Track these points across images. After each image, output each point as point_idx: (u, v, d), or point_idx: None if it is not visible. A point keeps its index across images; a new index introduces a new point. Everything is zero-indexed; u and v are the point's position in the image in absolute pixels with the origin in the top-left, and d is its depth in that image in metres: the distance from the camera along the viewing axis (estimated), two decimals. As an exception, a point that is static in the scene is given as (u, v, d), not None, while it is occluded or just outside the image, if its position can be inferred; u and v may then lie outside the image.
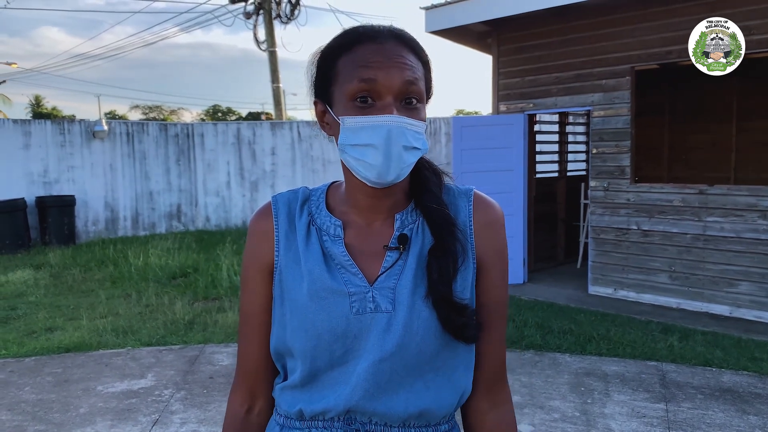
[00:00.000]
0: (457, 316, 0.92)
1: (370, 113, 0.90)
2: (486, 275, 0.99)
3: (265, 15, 15.68)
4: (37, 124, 10.33)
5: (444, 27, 6.93)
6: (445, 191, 1.01)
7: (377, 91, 0.89)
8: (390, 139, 0.88)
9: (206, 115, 52.53)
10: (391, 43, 0.92)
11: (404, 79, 0.90)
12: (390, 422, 0.94)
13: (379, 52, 0.90)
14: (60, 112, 46.31)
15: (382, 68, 0.89)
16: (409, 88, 0.90)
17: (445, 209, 0.97)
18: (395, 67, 0.90)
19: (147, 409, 3.71)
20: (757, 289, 5.42)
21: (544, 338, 4.86)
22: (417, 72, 0.92)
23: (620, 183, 6.20)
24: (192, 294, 6.59)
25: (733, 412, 3.54)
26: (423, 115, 0.93)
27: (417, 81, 0.92)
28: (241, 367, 1.06)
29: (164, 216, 11.57)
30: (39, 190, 10.06)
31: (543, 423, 3.44)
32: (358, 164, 0.91)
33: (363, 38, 0.92)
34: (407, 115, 0.90)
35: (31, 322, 5.59)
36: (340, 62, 0.93)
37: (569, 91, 6.51)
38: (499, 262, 1.01)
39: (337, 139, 0.94)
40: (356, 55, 0.91)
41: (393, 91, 0.89)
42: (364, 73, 0.89)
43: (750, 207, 5.44)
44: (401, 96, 0.90)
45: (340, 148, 0.93)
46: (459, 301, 0.93)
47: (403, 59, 0.91)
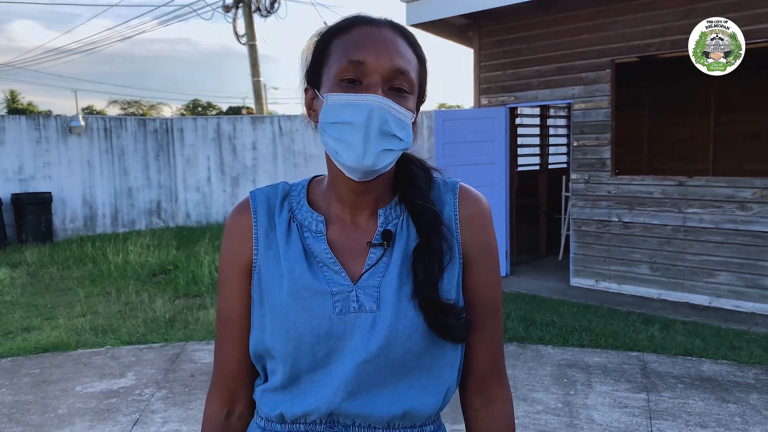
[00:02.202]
0: (445, 316, 0.89)
1: (355, 92, 0.86)
2: (473, 271, 0.96)
3: (245, 8, 15.52)
4: (12, 120, 10.12)
5: (425, 20, 6.91)
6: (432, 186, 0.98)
7: (365, 72, 0.86)
8: (371, 119, 0.84)
9: (186, 110, 51.96)
10: (387, 29, 0.90)
11: (395, 64, 0.86)
12: (374, 424, 0.91)
13: (373, 35, 0.88)
14: (36, 107, 45.46)
15: (374, 51, 0.86)
16: (398, 75, 0.87)
17: (432, 206, 0.94)
18: (387, 51, 0.87)
19: (127, 408, 3.65)
20: (736, 279, 5.49)
21: (526, 330, 4.88)
22: (410, 63, 0.89)
23: (601, 175, 6.24)
24: (173, 291, 6.52)
25: (712, 401, 3.58)
26: (411, 105, 0.89)
27: (408, 71, 0.88)
28: (219, 371, 1.01)
29: (144, 212, 11.42)
30: (14, 187, 9.87)
31: (526, 415, 3.45)
32: (336, 144, 0.87)
33: (360, 21, 0.90)
34: (394, 101, 0.87)
35: (8, 322, 5.48)
36: (333, 44, 0.90)
37: (550, 84, 6.53)
38: (487, 256, 0.97)
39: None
40: (349, 36, 0.89)
41: (381, 73, 0.86)
42: (355, 54, 0.86)
43: (728, 198, 5.50)
44: (390, 81, 0.87)
45: (320, 128, 0.89)
46: (446, 301, 0.90)
47: (397, 46, 0.88)
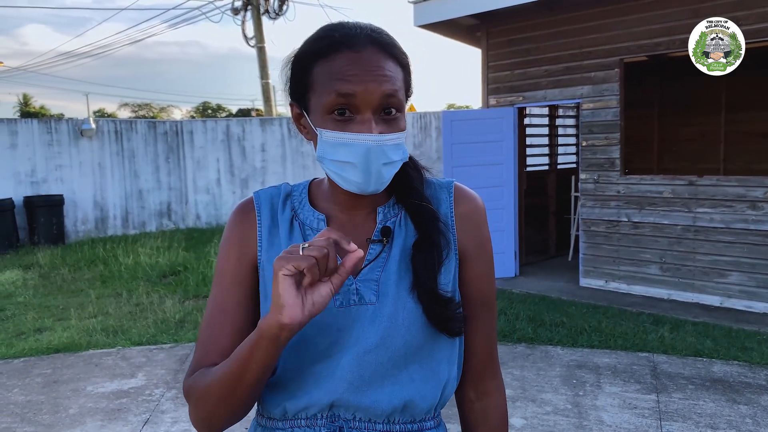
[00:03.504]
0: (442, 309, 0.92)
1: (348, 128, 0.88)
2: (469, 267, 1.00)
3: (253, 11, 15.58)
4: (24, 123, 10.22)
5: (433, 21, 6.91)
6: (426, 185, 1.01)
7: (355, 105, 0.87)
8: (369, 158, 0.88)
9: (196, 112, 52.26)
10: (369, 51, 0.89)
11: (383, 92, 0.88)
12: (374, 417, 0.93)
13: (357, 63, 0.87)
14: (48, 110, 45.93)
15: (361, 82, 0.87)
16: (388, 100, 0.88)
17: (429, 204, 0.97)
18: (374, 80, 0.87)
19: (137, 408, 3.68)
20: (747, 279, 5.45)
21: (535, 331, 4.86)
22: (396, 83, 0.90)
23: (610, 175, 6.21)
24: (182, 292, 6.56)
25: (723, 402, 3.56)
26: (403, 124, 0.92)
27: (396, 92, 0.89)
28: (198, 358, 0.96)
29: (154, 214, 11.49)
30: (27, 189, 9.96)
31: (535, 416, 3.44)
32: (338, 178, 0.92)
33: (340, 46, 0.89)
34: (386, 127, 0.89)
35: (20, 323, 5.54)
36: (316, 69, 0.90)
37: (558, 84, 6.51)
38: (482, 253, 1.01)
39: (315, 146, 0.93)
40: (333, 65, 0.88)
41: (372, 105, 0.87)
42: (342, 86, 0.87)
43: (739, 197, 5.46)
44: (380, 108, 0.89)
45: (319, 159, 0.92)
46: (444, 294, 0.93)
47: (383, 70, 0.88)
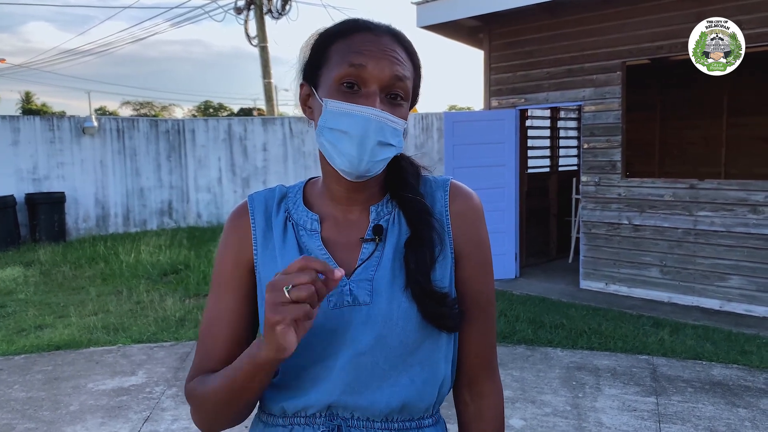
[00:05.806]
0: (437, 305, 0.91)
1: (354, 100, 0.89)
2: (465, 265, 0.98)
3: (256, 10, 15.60)
4: (26, 120, 10.23)
5: (435, 22, 6.92)
6: (422, 182, 1.01)
7: (364, 79, 0.89)
8: (367, 131, 0.88)
9: (198, 111, 52.29)
10: (387, 37, 0.93)
11: (393, 72, 0.90)
12: (372, 417, 0.93)
13: (374, 42, 0.91)
14: (50, 108, 45.96)
15: (374, 57, 0.89)
16: (396, 82, 0.90)
17: (422, 199, 0.97)
18: (386, 58, 0.90)
19: (138, 406, 3.69)
20: (747, 283, 5.45)
21: (535, 333, 4.87)
22: (407, 70, 0.93)
23: (611, 178, 6.22)
24: (183, 290, 6.57)
25: (722, 405, 3.56)
26: (405, 113, 0.93)
27: (405, 78, 0.92)
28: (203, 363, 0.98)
29: (155, 212, 11.50)
30: (28, 186, 9.97)
31: (534, 417, 3.45)
32: (332, 149, 0.90)
33: (360, 27, 0.93)
34: (390, 110, 0.90)
35: (21, 320, 5.55)
36: (333, 47, 0.93)
37: (560, 87, 6.52)
38: (478, 251, 0.99)
39: (317, 122, 0.93)
40: (350, 42, 0.91)
41: (380, 81, 0.89)
42: (355, 58, 0.89)
43: (740, 201, 5.47)
44: (387, 89, 0.90)
45: (318, 131, 0.92)
46: (438, 290, 0.92)
47: (396, 54, 0.91)
